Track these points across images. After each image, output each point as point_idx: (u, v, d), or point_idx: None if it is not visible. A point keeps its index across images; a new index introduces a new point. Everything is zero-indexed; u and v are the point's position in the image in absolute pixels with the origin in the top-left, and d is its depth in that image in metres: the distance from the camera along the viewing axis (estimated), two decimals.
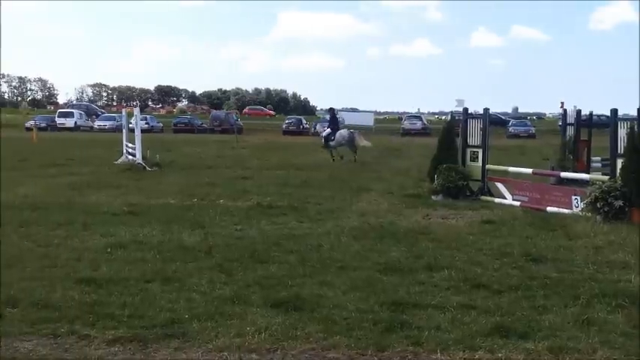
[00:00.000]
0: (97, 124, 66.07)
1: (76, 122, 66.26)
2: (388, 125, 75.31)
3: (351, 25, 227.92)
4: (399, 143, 43.62)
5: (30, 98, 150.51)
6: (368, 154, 27.71)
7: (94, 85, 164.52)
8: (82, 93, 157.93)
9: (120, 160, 23.89)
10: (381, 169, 22.75)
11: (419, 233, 10.30)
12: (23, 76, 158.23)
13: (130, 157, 23.30)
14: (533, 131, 61.74)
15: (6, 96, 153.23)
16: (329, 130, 26.65)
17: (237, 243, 9.35)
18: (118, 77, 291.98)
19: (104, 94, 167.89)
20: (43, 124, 61.51)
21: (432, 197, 14.34)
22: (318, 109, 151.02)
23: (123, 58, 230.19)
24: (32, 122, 62.07)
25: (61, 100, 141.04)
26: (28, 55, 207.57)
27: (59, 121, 66.29)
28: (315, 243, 9.32)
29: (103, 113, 79.01)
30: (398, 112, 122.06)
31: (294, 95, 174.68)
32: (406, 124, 65.45)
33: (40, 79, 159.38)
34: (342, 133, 26.36)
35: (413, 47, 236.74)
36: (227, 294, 6.73)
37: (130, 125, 25.63)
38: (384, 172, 21.10)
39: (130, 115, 27.37)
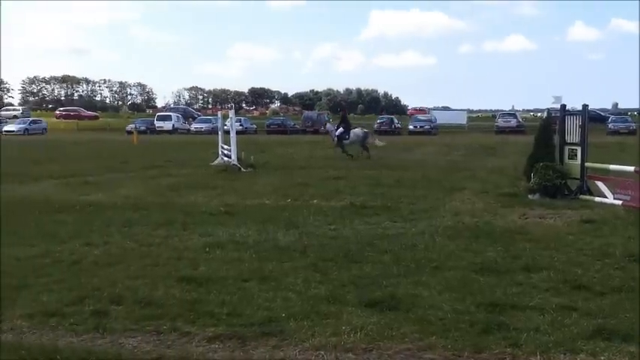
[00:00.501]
0: (194, 126, 67.65)
1: (173, 125, 68.13)
2: (481, 123, 74.09)
3: (442, 22, 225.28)
4: (493, 142, 42.80)
5: (130, 102, 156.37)
6: (461, 153, 27.32)
7: (190, 89, 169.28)
8: (179, 97, 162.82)
9: (216, 162, 24.40)
10: (475, 167, 22.39)
11: (515, 233, 10.09)
12: (124, 81, 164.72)
13: (226, 158, 23.76)
14: (634, 127, 59.28)
15: (107, 100, 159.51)
16: (341, 129, 27.72)
17: (332, 243, 9.42)
18: (213, 80, 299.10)
19: (200, 97, 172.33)
20: (142, 128, 63.59)
21: (529, 196, 14.02)
22: (409, 107, 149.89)
23: (218, 61, 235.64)
24: (132, 126, 64.39)
25: (160, 103, 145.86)
26: (129, 60, 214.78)
27: (158, 124, 68.32)
28: (409, 243, 9.28)
29: (199, 116, 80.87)
30: (491, 110, 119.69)
31: (386, 94, 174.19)
32: (500, 122, 64.09)
33: (140, 84, 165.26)
34: (357, 132, 27.89)
35: (507, 43, 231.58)
36: (322, 293, 6.80)
37: (225, 127, 26.15)
38: (478, 171, 20.76)
39: (225, 117, 27.94)
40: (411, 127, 62.96)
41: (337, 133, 27.87)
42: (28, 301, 6.52)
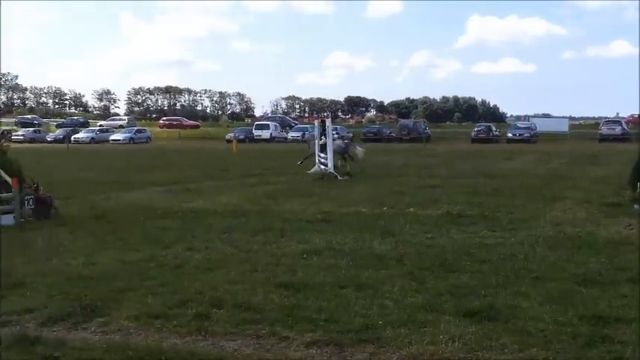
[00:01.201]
0: (291, 135, 68.57)
1: (271, 134, 69.27)
2: (584, 131, 71.71)
3: (542, 28, 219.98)
4: (596, 150, 41.43)
5: (229, 112, 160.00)
6: (562, 161, 26.49)
7: (287, 98, 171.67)
8: (277, 106, 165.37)
9: (313, 170, 24.62)
10: (577, 176, 21.74)
11: (620, 244, 9.75)
12: (223, 91, 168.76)
13: (322, 166, 23.96)
14: None
15: (208, 110, 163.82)
16: (323, 138, 25.46)
17: (428, 251, 9.36)
18: (310, 89, 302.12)
19: (297, 106, 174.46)
20: (241, 136, 64.86)
21: (635, 206, 13.49)
22: (508, 115, 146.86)
23: (314, 70, 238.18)
24: (232, 134, 65.80)
25: (258, 112, 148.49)
26: (229, 71, 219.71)
27: (256, 132, 69.61)
28: (507, 252, 9.12)
29: (296, 124, 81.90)
30: (594, 117, 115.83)
31: (483, 102, 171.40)
32: (604, 130, 61.85)
33: (239, 94, 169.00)
34: (338, 142, 26.71)
35: (611, 48, 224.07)
36: (419, 302, 6.77)
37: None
38: (580, 180, 20.15)
39: (321, 125, 28.18)
40: (509, 134, 61.63)
41: (321, 143, 24.75)
42: (134, 302, 6.78)
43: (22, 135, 68.22)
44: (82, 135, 72.16)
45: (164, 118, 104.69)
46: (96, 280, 7.74)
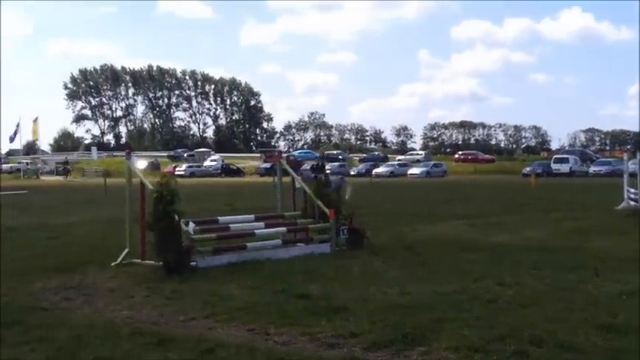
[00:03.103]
0: (592, 169, 65.26)
1: (570, 168, 66.58)
2: None
3: None
4: None
5: (524, 145, 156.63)
6: None
7: (586, 131, 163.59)
8: (575, 138, 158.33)
9: (622, 206, 23.19)
10: None
11: None
12: (518, 124, 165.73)
13: (632, 202, 22.46)
14: None
15: (502, 144, 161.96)
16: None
17: None
18: (612, 121, 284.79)
19: (597, 138, 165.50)
20: (538, 170, 63.12)
21: None
22: None
23: (617, 101, 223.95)
24: (529, 168, 64.33)
25: (554, 146, 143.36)
26: (524, 104, 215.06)
27: (554, 166, 67.41)
28: None
29: (598, 158, 77.74)
30: None
31: None
32: None
33: (534, 127, 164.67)
34: (334, 179, 22.57)
35: None
36: None
37: (630, 169, 24.80)
38: None
39: (630, 158, 26.53)
40: None
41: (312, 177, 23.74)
42: (452, 334, 6.87)
43: (328, 169, 73.10)
44: (382, 169, 75.57)
45: (460, 152, 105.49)
46: (413, 309, 7.98)
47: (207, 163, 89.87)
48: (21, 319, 7.70)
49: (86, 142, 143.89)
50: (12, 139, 78.51)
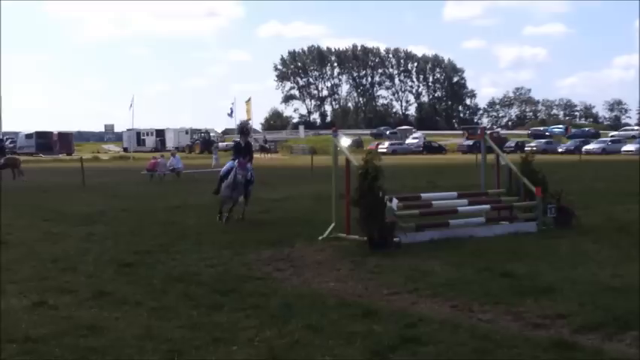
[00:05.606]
0: None
1: None
2: None
3: None
4: None
5: None
6: None
7: None
8: None
9: None
10: None
11: None
12: None
13: None
14: None
15: None
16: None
17: None
18: None
19: None
20: None
21: None
22: None
23: None
24: None
25: None
26: None
27: None
28: None
29: None
30: None
31: None
32: None
33: None
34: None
35: None
36: None
37: None
38: None
39: None
40: None
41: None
42: None
43: (534, 146, 70.58)
44: (593, 146, 71.64)
45: None
46: (625, 291, 7.56)
47: (409, 140, 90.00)
48: (236, 288, 8.27)
49: (294, 121, 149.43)
50: (230, 115, 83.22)
